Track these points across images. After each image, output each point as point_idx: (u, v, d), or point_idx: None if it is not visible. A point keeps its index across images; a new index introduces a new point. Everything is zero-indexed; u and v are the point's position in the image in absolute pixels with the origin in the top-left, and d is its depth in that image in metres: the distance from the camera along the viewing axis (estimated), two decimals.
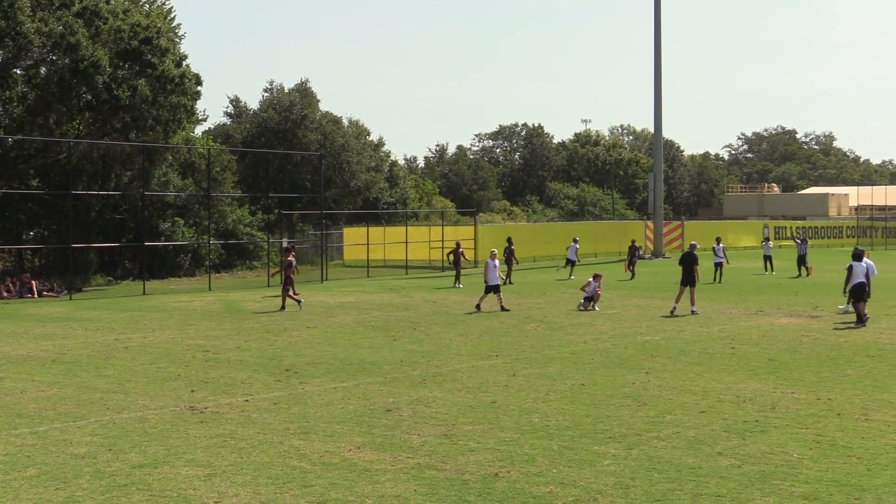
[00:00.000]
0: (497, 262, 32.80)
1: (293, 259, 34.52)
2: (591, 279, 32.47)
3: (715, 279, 44.50)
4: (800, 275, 47.28)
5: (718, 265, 45.87)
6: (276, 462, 12.37)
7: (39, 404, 16.40)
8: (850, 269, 27.59)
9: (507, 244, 46.07)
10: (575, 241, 50.45)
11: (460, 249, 44.56)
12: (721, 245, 47.40)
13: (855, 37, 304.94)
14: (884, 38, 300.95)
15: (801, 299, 34.63)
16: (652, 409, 15.58)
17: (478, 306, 31.99)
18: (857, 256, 27.92)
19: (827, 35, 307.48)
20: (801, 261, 47.93)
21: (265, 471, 11.96)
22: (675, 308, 30.20)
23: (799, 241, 49.48)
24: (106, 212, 54.13)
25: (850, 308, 28.06)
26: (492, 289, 32.15)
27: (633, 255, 49.07)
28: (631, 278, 46.67)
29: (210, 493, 11.03)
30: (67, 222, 44.86)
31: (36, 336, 26.04)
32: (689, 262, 31.02)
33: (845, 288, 27.80)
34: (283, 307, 32.75)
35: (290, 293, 33.42)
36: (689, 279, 30.63)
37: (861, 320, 26.68)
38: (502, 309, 31.13)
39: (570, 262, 49.28)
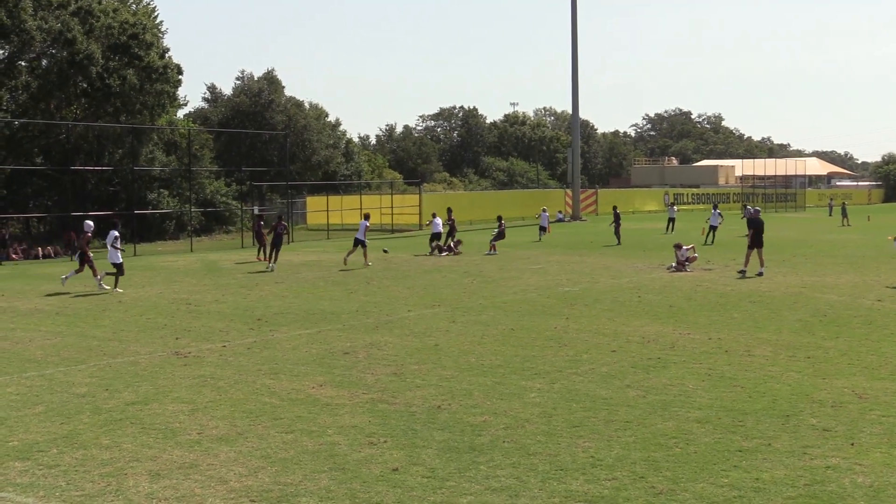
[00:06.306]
0: (368, 223, 33.63)
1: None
2: (675, 249, 30.10)
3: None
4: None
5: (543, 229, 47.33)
6: (250, 398, 12.31)
7: (45, 351, 16.20)
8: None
9: (447, 214, 40.90)
10: (544, 209, 49.58)
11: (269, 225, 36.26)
12: (546, 213, 49.08)
13: (738, 30, 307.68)
14: (762, 32, 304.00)
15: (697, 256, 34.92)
16: (571, 350, 15.66)
17: (344, 260, 32.54)
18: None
19: (715, 28, 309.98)
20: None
21: (241, 406, 11.90)
22: (744, 271, 27.52)
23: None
24: (101, 184, 53.62)
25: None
26: (359, 243, 32.66)
27: (501, 231, 40.43)
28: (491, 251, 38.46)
29: (193, 426, 10.96)
30: (67, 194, 44.34)
31: (42, 292, 25.67)
32: (758, 226, 28.10)
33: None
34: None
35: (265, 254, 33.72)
36: (757, 241, 27.88)
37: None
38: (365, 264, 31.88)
39: (542, 229, 47.31)
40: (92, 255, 26.20)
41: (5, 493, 8.66)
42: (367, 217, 34.09)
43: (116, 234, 26.01)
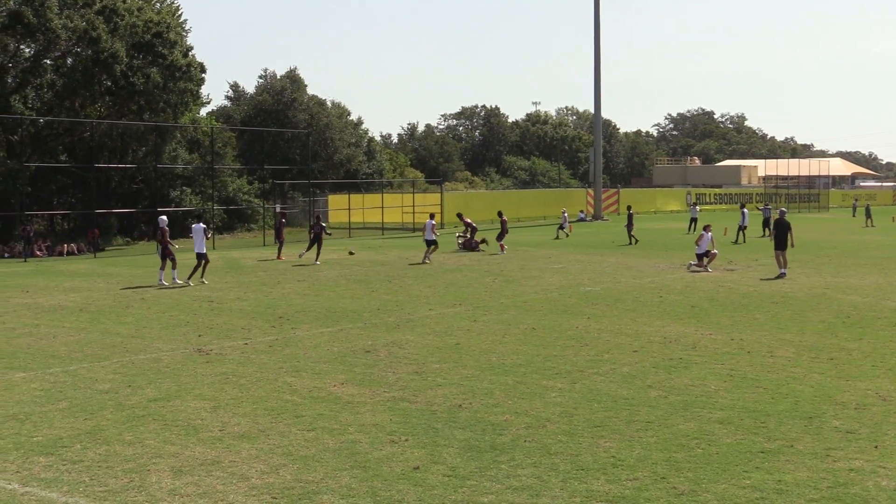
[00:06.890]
0: (434, 222, 34.65)
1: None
2: (703, 232, 29.79)
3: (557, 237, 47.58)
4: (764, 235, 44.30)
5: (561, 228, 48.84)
6: (271, 396, 12.35)
7: (69, 347, 16.30)
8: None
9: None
10: (564, 211, 50.32)
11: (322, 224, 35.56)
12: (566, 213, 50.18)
13: (762, 30, 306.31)
14: (786, 31, 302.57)
15: (719, 255, 34.75)
16: (592, 349, 15.63)
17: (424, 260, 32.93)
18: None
19: (738, 28, 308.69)
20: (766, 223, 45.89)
21: (262, 403, 11.93)
22: (782, 272, 27.00)
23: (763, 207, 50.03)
24: (124, 182, 53.94)
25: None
26: (431, 244, 33.73)
27: (504, 226, 39.20)
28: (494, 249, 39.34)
29: (215, 423, 11.01)
30: (91, 191, 44.60)
31: (66, 289, 25.85)
32: (783, 227, 27.71)
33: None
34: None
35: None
36: (783, 243, 27.42)
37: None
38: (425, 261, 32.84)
39: (560, 228, 48.74)
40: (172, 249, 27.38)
41: (30, 488, 8.72)
42: (432, 216, 35.44)
43: (204, 225, 28.62)
